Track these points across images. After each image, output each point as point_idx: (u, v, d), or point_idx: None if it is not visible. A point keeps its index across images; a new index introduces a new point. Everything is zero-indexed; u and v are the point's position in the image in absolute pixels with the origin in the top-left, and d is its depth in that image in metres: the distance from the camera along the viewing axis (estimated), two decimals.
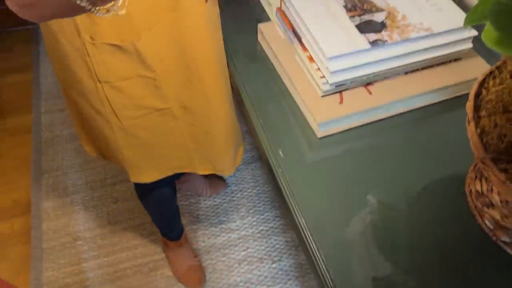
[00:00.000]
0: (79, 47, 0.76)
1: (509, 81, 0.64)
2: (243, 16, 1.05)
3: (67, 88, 0.91)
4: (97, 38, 0.74)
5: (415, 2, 0.85)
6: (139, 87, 0.84)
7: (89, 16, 0.71)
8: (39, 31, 2.28)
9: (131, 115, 0.87)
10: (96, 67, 0.78)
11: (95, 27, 0.73)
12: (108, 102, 0.84)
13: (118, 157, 0.98)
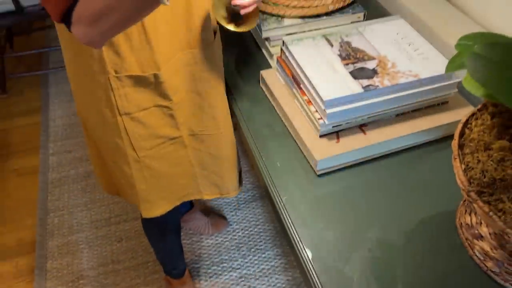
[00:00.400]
0: (103, 82, 0.84)
1: (489, 122, 0.70)
2: (247, 64, 1.14)
3: (88, 124, 0.99)
4: (121, 71, 0.83)
5: (403, 51, 0.93)
6: (156, 117, 0.91)
7: (116, 52, 0.80)
8: (49, 76, 2.39)
9: (147, 145, 0.94)
10: (118, 100, 0.86)
11: (120, 61, 0.81)
12: (127, 134, 0.90)
13: (131, 192, 1.03)
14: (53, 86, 2.36)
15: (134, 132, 0.91)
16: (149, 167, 0.97)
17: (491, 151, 0.66)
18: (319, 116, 0.86)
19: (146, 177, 0.99)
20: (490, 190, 0.63)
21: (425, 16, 1.20)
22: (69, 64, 0.89)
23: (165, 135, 0.95)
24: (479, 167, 0.65)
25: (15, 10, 2.00)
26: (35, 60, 2.52)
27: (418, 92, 0.88)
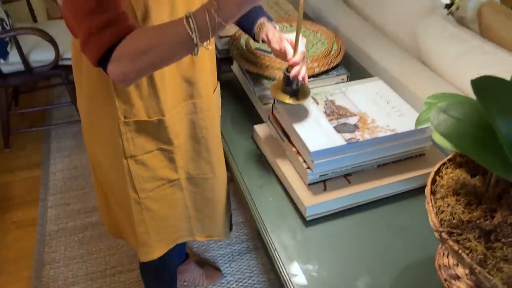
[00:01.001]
0: (113, 127, 0.93)
1: (457, 171, 0.79)
2: (242, 119, 1.24)
3: (96, 165, 1.06)
4: (130, 117, 0.92)
5: (382, 108, 1.04)
6: (158, 159, 1.00)
7: (127, 99, 0.90)
8: (51, 132, 2.49)
9: (148, 187, 1.01)
10: (125, 143, 0.94)
11: (129, 107, 0.91)
12: (131, 176, 0.98)
13: (131, 234, 1.09)
14: (54, 141, 2.45)
15: (137, 174, 0.99)
16: (149, 209, 1.04)
17: (459, 196, 0.75)
18: (307, 166, 0.95)
19: (145, 220, 1.05)
20: (459, 230, 0.70)
21: (402, 77, 1.33)
22: (82, 109, 0.99)
23: (165, 177, 1.03)
24: (449, 210, 0.73)
25: (25, 70, 2.13)
26: (38, 116, 2.63)
27: (395, 145, 0.98)
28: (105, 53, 0.71)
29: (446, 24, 1.40)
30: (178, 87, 0.95)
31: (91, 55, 0.72)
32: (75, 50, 0.91)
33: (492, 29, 1.50)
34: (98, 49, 0.71)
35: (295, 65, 0.95)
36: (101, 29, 0.70)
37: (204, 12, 0.69)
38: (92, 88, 0.91)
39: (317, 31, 1.44)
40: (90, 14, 0.70)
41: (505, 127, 0.59)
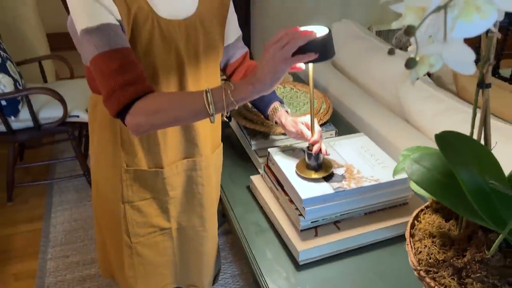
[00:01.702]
0: (115, 173, 1.03)
1: (433, 216, 0.88)
2: (239, 171, 1.33)
3: (97, 207, 1.14)
4: (132, 166, 1.02)
5: (366, 161, 1.14)
6: (153, 207, 1.08)
7: (131, 150, 1.01)
8: (54, 186, 2.56)
9: (140, 232, 1.09)
10: (125, 189, 1.04)
11: (132, 157, 1.02)
12: (126, 220, 1.06)
13: (121, 277, 1.15)
14: (56, 195, 2.52)
15: (132, 219, 1.07)
16: (139, 254, 1.11)
17: (434, 238, 0.83)
18: (299, 213, 1.03)
19: (134, 264, 1.12)
20: (435, 268, 0.78)
21: (386, 133, 1.45)
22: (93, 155, 1.09)
23: (157, 225, 1.10)
24: (426, 251, 0.81)
25: (33, 127, 2.25)
26: (42, 170, 2.71)
27: (379, 194, 1.07)
28: (124, 107, 0.83)
29: (424, 86, 1.54)
30: (179, 145, 1.06)
31: (112, 108, 0.84)
32: (92, 103, 1.03)
33: (467, 90, 1.65)
34: (119, 104, 0.83)
35: (315, 143, 1.07)
36: (123, 87, 0.82)
37: (222, 90, 0.82)
38: (102, 137, 1.03)
39: (307, 91, 1.58)
40: (114, 74, 0.82)
41: (466, 176, 0.68)
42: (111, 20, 0.83)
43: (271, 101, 1.19)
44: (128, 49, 0.85)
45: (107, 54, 0.82)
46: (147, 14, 0.88)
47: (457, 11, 0.41)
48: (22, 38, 2.89)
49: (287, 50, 0.81)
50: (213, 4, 1.00)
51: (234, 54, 1.14)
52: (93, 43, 0.82)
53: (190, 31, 0.95)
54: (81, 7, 0.83)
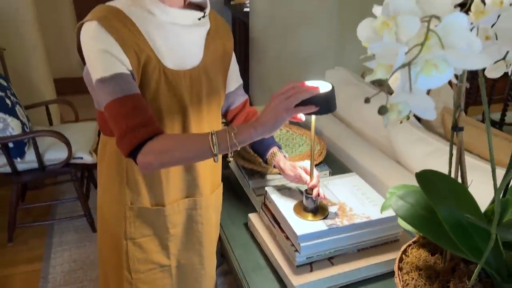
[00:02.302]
0: (119, 210, 1.09)
1: (420, 250, 0.94)
2: (237, 209, 1.39)
3: (101, 244, 1.19)
4: (136, 203, 1.09)
5: (358, 199, 1.21)
6: (154, 244, 1.13)
7: (136, 188, 1.07)
8: (54, 226, 2.60)
9: (141, 268, 1.13)
10: (128, 226, 1.09)
11: (136, 195, 1.08)
12: (127, 256, 1.11)
13: None
14: (56, 236, 2.55)
15: (133, 256, 1.12)
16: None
17: (421, 271, 0.88)
18: (295, 249, 1.08)
19: None
20: None
21: (378, 173, 1.52)
22: (99, 193, 1.15)
23: (157, 261, 1.15)
24: (413, 283, 0.86)
25: (38, 168, 2.32)
26: (43, 211, 2.75)
27: (371, 231, 1.13)
28: (136, 147, 0.91)
29: (414, 129, 1.63)
30: (181, 185, 1.12)
31: (125, 148, 0.92)
32: (102, 144, 1.11)
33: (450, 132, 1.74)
34: (131, 145, 0.91)
35: (314, 187, 1.14)
36: (134, 129, 0.90)
37: (226, 133, 0.91)
38: (109, 176, 1.10)
39: (302, 134, 1.67)
40: (126, 118, 0.91)
41: (445, 211, 0.75)
42: (123, 70, 0.93)
43: (269, 146, 1.26)
44: (139, 95, 0.94)
45: (120, 100, 0.91)
46: (155, 65, 0.98)
47: (419, 67, 0.49)
48: (31, 84, 3.02)
49: (290, 101, 0.90)
50: (217, 56, 1.10)
51: (235, 101, 1.23)
52: (108, 90, 0.91)
53: (194, 79, 1.04)
54: (97, 59, 0.92)
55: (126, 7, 0.97)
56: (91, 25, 0.93)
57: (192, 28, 1.03)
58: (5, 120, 2.18)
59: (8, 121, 2.20)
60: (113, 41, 0.92)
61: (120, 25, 0.94)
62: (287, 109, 0.90)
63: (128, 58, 0.93)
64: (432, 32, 0.50)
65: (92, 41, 0.93)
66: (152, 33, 0.98)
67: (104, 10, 0.96)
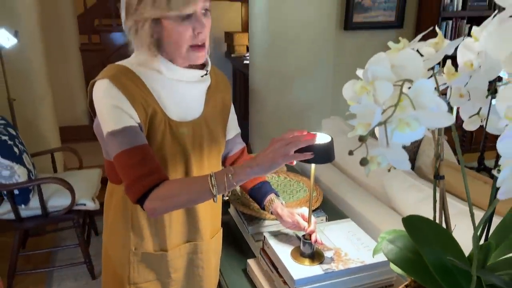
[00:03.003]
0: (124, 254, 1.13)
1: None
2: (236, 255, 1.43)
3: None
4: (139, 249, 1.13)
5: (353, 244, 1.25)
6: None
7: (140, 234, 1.12)
8: (54, 274, 2.60)
9: None
10: (132, 271, 1.14)
11: (140, 240, 1.13)
12: None
13: None
14: (55, 283, 2.54)
15: None
16: None
17: None
18: None
19: None
20: None
21: (373, 218, 1.57)
22: (104, 238, 1.20)
23: None
24: None
25: (41, 214, 2.36)
26: (43, 258, 2.76)
27: (366, 275, 1.17)
28: (143, 195, 0.98)
29: (407, 176, 1.70)
30: (183, 229, 1.18)
31: (133, 196, 0.99)
32: (109, 191, 1.18)
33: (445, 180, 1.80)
34: (139, 193, 0.98)
35: (312, 233, 1.20)
36: (142, 178, 0.98)
37: (223, 174, 0.98)
38: (115, 221, 1.15)
39: (300, 180, 1.73)
40: (134, 168, 0.98)
41: (430, 254, 0.80)
42: (132, 123, 1.01)
43: (267, 193, 1.32)
44: (146, 145, 1.02)
45: (129, 151, 0.99)
46: (161, 118, 1.06)
47: (394, 125, 0.57)
48: (38, 132, 3.12)
49: (289, 148, 0.97)
50: (216, 109, 1.19)
51: (233, 148, 1.31)
52: (117, 142, 0.99)
53: (196, 130, 1.12)
54: (108, 114, 1.01)
55: (134, 67, 1.07)
56: (103, 82, 1.02)
57: (195, 84, 1.13)
58: (12, 168, 2.26)
59: (15, 169, 2.27)
60: (123, 97, 1.01)
61: (129, 82, 1.03)
62: (284, 155, 0.97)
63: (136, 112, 1.02)
64: (404, 95, 0.58)
65: (104, 97, 1.02)
66: (158, 89, 1.07)
67: (114, 69, 1.06)
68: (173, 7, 0.97)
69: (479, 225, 0.74)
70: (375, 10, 3.93)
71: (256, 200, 1.35)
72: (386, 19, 3.97)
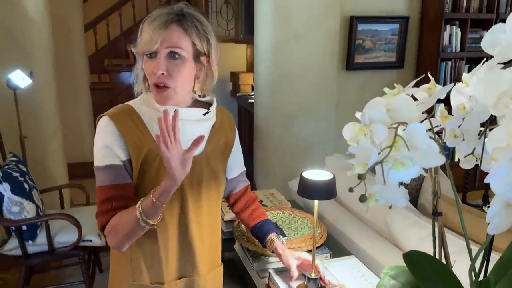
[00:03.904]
0: (124, 287, 1.17)
1: None
2: None
3: None
4: (137, 280, 1.16)
5: (357, 280, 1.27)
6: None
7: (137, 266, 1.15)
8: None
9: None
10: None
11: (138, 272, 1.16)
12: None
13: None
14: None
15: None
16: None
17: None
18: None
19: None
20: None
21: (376, 255, 1.59)
22: (110, 271, 1.25)
23: None
24: None
25: (47, 251, 2.38)
26: None
27: None
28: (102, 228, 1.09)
29: (410, 213, 1.73)
30: (179, 264, 1.19)
31: (98, 226, 1.10)
32: None
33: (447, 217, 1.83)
34: (100, 225, 1.10)
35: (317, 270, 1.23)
36: (104, 213, 1.08)
37: (149, 196, 1.03)
38: (117, 255, 1.20)
39: (304, 217, 1.76)
40: (104, 202, 1.08)
41: None
42: (116, 161, 1.09)
43: (268, 232, 1.35)
44: (123, 184, 1.09)
45: (105, 187, 1.08)
46: (155, 156, 1.10)
47: (390, 164, 0.62)
48: (47, 169, 3.18)
49: None
50: (218, 148, 1.22)
51: (237, 186, 1.35)
52: (98, 177, 1.10)
53: (196, 166, 1.13)
54: (97, 149, 1.10)
55: (138, 105, 1.15)
56: (103, 119, 1.11)
57: (197, 122, 1.16)
58: (21, 204, 2.30)
59: (24, 205, 2.31)
60: (118, 135, 1.09)
61: (129, 121, 1.11)
62: None
63: (128, 150, 1.09)
64: (399, 137, 0.64)
65: (99, 133, 1.10)
66: (156, 127, 1.09)
67: (118, 108, 1.14)
68: (140, 44, 1.08)
69: (475, 258, 0.77)
70: (376, 51, 4.06)
71: (258, 239, 1.38)
72: (387, 60, 4.09)
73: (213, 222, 1.24)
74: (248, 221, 1.35)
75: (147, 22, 1.07)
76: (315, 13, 3.29)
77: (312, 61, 3.38)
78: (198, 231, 1.18)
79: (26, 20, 2.94)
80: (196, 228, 1.18)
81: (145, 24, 1.08)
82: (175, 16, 1.06)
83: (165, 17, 1.06)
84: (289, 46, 3.29)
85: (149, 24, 1.06)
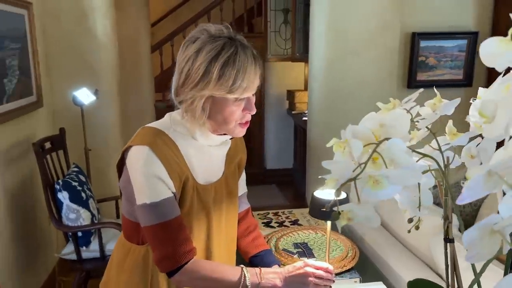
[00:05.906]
0: None
1: None
2: None
3: None
4: None
5: None
6: None
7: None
8: None
9: None
10: None
11: None
12: None
13: None
14: None
15: None
16: None
17: None
18: None
19: None
20: None
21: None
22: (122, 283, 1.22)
23: None
24: None
25: (99, 257, 2.52)
26: None
27: None
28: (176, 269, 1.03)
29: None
30: None
31: (165, 269, 1.04)
32: (125, 251, 1.16)
33: None
34: (172, 267, 1.03)
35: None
36: (176, 254, 1.02)
37: (254, 275, 1.05)
38: (129, 283, 1.14)
39: (337, 239, 1.69)
40: (169, 241, 1.02)
41: None
42: (169, 194, 1.03)
43: (270, 264, 1.27)
44: (179, 217, 1.05)
45: (164, 224, 1.01)
46: (191, 183, 1.09)
47: (364, 182, 0.58)
48: (107, 180, 3.39)
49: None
50: (233, 168, 1.22)
51: (239, 207, 1.30)
52: (154, 214, 1.01)
53: (218, 190, 1.15)
54: (147, 183, 1.01)
55: (171, 130, 1.08)
56: (143, 150, 1.02)
57: (219, 147, 1.16)
58: (78, 212, 2.47)
59: (80, 213, 2.48)
60: (162, 167, 1.02)
61: (166, 148, 1.04)
62: None
63: (172, 181, 1.04)
64: (378, 154, 0.60)
65: (144, 166, 1.02)
66: (190, 154, 1.09)
67: (152, 134, 1.06)
68: (235, 91, 1.01)
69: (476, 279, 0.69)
70: (440, 69, 3.85)
71: None
72: (453, 77, 3.85)
73: (231, 247, 1.25)
74: (248, 248, 1.29)
75: (242, 68, 1.01)
76: (372, 29, 3.22)
77: (368, 79, 3.29)
78: (218, 255, 1.18)
79: (95, 42, 3.20)
80: (217, 252, 1.17)
81: (240, 69, 1.01)
82: (253, 59, 1.04)
83: (250, 58, 1.03)
84: (344, 63, 3.24)
85: (246, 68, 1.01)
